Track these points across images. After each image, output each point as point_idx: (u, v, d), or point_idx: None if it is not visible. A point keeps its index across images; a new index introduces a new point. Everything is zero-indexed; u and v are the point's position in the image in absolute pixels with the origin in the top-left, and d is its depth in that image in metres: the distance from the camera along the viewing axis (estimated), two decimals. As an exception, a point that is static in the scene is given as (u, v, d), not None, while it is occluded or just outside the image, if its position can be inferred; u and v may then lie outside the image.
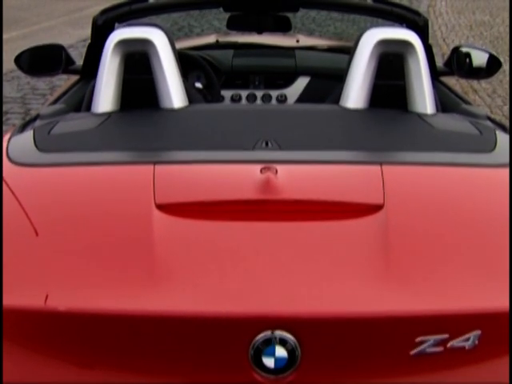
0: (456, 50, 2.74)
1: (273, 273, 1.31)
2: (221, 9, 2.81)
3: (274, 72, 3.22)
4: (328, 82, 3.18)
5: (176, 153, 1.74)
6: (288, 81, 3.19)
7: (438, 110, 2.18)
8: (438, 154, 1.74)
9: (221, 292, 1.27)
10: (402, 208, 1.52)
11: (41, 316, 1.25)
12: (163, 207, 1.48)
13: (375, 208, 1.49)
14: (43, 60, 2.69)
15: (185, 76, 3.18)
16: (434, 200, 1.57)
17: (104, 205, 1.53)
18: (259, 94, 3.18)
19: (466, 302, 1.27)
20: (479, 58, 2.70)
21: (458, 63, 2.69)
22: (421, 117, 2.00)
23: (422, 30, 2.71)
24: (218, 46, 3.38)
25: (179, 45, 3.67)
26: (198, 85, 3.06)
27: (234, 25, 2.96)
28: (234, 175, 1.62)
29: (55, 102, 2.55)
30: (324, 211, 1.51)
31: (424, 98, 2.05)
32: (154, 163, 1.66)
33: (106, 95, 2.03)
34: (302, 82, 3.18)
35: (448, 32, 9.73)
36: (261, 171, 1.54)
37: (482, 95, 6.31)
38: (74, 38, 8.99)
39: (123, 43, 2.04)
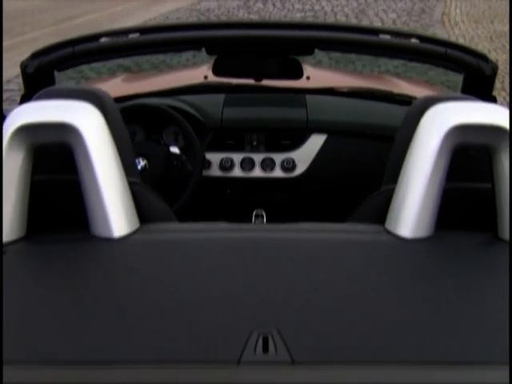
0: None
1: None
2: None
3: (278, 128, 2.41)
4: (352, 143, 2.37)
5: (97, 370, 0.92)
6: (297, 140, 2.38)
7: None
8: None
9: None
10: None
11: None
12: None
13: None
14: None
15: (159, 133, 2.37)
16: None
17: None
18: (258, 158, 2.37)
19: None
20: None
21: None
22: None
23: (488, 82, 1.90)
24: (205, 87, 2.56)
25: (156, 83, 2.85)
26: (175, 149, 2.25)
27: (222, 70, 2.14)
28: None
29: None
30: None
31: None
32: None
33: (1, 212, 1.23)
34: (315, 143, 2.37)
35: (467, 44, 8.90)
36: None
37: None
38: (57, 52, 8.17)
39: (28, 130, 1.23)
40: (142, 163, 2.20)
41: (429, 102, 1.33)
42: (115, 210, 1.24)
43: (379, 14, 11.67)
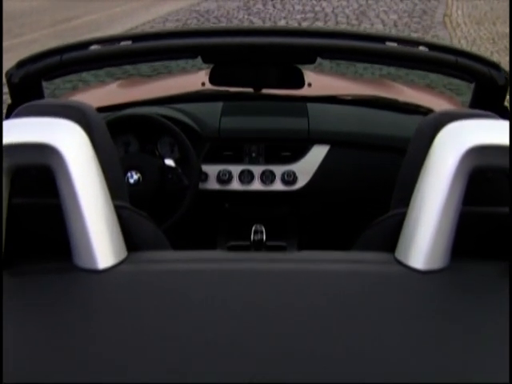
0: None
1: None
2: None
3: (278, 139, 2.30)
4: (356, 154, 2.27)
5: None
6: (298, 152, 2.27)
7: None
8: None
9: None
10: None
11: None
12: None
13: None
14: None
15: (154, 144, 2.27)
16: None
17: None
18: (257, 170, 2.27)
19: None
20: None
21: None
22: None
23: (500, 92, 1.80)
24: (202, 95, 2.46)
25: (152, 90, 2.76)
26: (170, 162, 2.15)
27: (220, 79, 2.03)
28: None
29: None
30: None
31: None
32: None
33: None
34: (317, 154, 2.26)
35: (469, 46, 8.80)
36: None
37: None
38: (55, 54, 8.06)
39: (4, 152, 1.13)
40: (135, 176, 2.10)
41: (443, 119, 1.22)
42: (100, 238, 1.13)
43: (380, 15, 11.57)
